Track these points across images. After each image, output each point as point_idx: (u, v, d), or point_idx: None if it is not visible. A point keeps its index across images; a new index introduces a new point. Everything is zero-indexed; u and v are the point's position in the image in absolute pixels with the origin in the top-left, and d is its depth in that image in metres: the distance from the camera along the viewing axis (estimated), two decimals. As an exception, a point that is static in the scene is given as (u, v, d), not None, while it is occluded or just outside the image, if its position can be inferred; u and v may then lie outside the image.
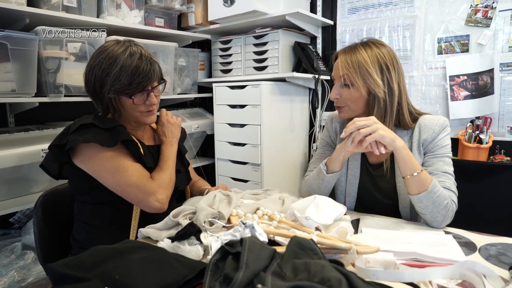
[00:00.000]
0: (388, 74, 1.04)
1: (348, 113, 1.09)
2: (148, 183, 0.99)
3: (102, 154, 0.97)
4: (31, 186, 1.63)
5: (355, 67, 1.03)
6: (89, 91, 1.05)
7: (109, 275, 0.64)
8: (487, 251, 0.81)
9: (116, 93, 0.99)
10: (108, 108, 1.04)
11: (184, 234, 0.79)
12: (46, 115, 1.94)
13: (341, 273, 0.56)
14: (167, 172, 1.05)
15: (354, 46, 1.08)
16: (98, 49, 1.03)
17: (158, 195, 0.99)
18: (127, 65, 0.97)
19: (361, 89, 1.04)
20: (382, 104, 1.03)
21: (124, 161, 0.99)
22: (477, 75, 1.77)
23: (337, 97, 1.09)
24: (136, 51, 1.00)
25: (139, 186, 0.98)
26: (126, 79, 0.97)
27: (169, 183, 1.04)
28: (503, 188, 1.62)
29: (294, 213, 0.87)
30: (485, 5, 1.75)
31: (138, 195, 0.98)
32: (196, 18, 2.32)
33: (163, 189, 1.01)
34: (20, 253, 1.49)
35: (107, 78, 0.98)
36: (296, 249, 0.66)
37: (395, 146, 0.93)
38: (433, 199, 0.92)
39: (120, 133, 0.99)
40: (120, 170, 0.97)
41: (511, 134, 1.72)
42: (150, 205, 0.99)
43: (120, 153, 1.00)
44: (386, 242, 0.83)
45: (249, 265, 0.49)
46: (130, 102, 1.02)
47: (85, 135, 0.94)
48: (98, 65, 0.99)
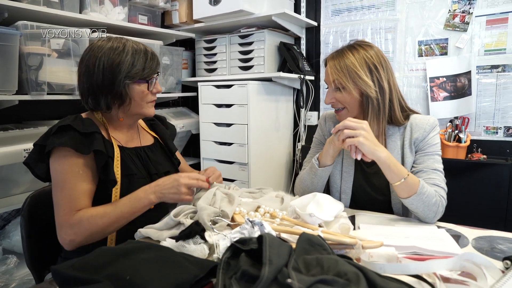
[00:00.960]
0: (377, 73, 1.07)
1: (346, 114, 1.12)
2: (66, 214, 0.90)
3: (73, 166, 0.93)
4: (11, 188, 1.55)
5: (344, 72, 1.07)
6: (90, 88, 0.99)
7: (119, 276, 0.62)
8: (479, 243, 0.86)
9: (132, 79, 0.98)
10: (115, 100, 1.00)
11: (189, 233, 0.78)
12: (24, 114, 1.86)
13: (356, 267, 0.58)
14: (108, 216, 0.90)
15: (341, 51, 1.12)
16: (95, 43, 1.01)
17: (63, 233, 0.90)
18: (138, 51, 0.99)
19: (352, 91, 1.07)
20: (375, 103, 1.07)
21: (74, 180, 0.92)
22: (455, 77, 1.86)
23: (332, 101, 1.13)
24: (138, 44, 1.03)
25: (59, 212, 0.92)
26: (140, 64, 0.98)
27: (91, 228, 0.89)
28: (480, 184, 1.70)
29: (295, 211, 0.88)
30: (462, 10, 1.83)
31: (56, 218, 0.92)
32: (180, 16, 2.30)
33: (73, 230, 0.89)
34: (1, 258, 1.42)
35: (120, 66, 0.96)
36: (305, 245, 0.67)
37: (377, 157, 0.96)
38: (422, 200, 0.96)
39: (94, 140, 0.94)
40: (64, 187, 0.92)
41: (487, 133, 1.82)
42: (59, 236, 0.92)
43: (83, 165, 0.94)
44: (385, 237, 0.86)
45: (273, 261, 0.50)
46: (142, 90, 1.01)
47: (62, 138, 0.92)
48: (105, 56, 0.97)
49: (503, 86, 1.78)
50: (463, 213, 1.75)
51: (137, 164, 1.05)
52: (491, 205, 1.69)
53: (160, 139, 1.19)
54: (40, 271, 1.11)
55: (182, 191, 0.93)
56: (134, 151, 1.07)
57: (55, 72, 1.55)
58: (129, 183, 1.00)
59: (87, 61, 0.99)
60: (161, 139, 1.19)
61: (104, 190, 0.97)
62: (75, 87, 1.65)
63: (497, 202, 1.67)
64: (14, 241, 1.56)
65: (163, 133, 1.20)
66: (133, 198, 0.93)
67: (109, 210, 0.91)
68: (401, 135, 1.11)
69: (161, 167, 1.11)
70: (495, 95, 1.80)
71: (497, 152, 1.81)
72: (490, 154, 1.80)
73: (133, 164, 1.03)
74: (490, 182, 1.68)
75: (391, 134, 1.11)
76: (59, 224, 0.91)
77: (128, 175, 1.00)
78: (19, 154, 1.41)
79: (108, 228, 0.91)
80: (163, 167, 1.12)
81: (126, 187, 0.99)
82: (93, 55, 0.98)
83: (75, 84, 1.65)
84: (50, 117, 1.90)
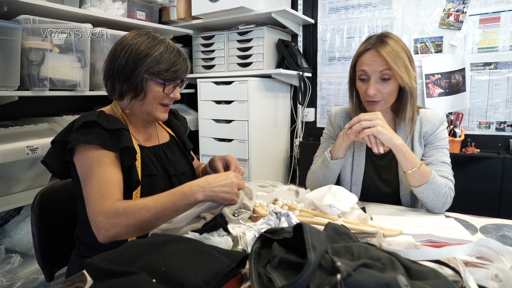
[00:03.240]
0: (413, 64, 1.09)
1: (383, 106, 1.10)
2: (99, 204, 0.82)
3: (100, 156, 0.89)
4: (12, 186, 1.53)
5: (398, 59, 1.03)
6: (112, 71, 0.98)
7: (153, 267, 0.63)
8: (487, 231, 0.90)
9: (151, 75, 0.96)
10: (130, 90, 0.97)
11: (214, 225, 0.79)
12: (23, 110, 1.83)
13: (387, 253, 0.60)
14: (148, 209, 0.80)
15: (382, 40, 1.07)
16: (133, 32, 1.00)
17: (98, 222, 0.80)
18: (170, 50, 0.98)
19: (398, 81, 1.05)
20: (414, 94, 1.09)
21: (102, 169, 0.87)
22: (450, 74, 1.92)
23: (376, 92, 1.07)
24: (174, 45, 1.01)
25: (91, 203, 0.84)
26: (166, 64, 0.96)
27: (127, 220, 0.79)
28: (474, 177, 1.77)
29: (313, 202, 0.90)
30: (456, 9, 1.89)
31: (88, 210, 0.84)
32: (178, 12, 2.29)
33: (108, 220, 0.79)
34: (5, 257, 1.40)
35: (146, 59, 0.94)
36: (332, 234, 0.70)
37: (394, 144, 0.99)
38: (433, 190, 1.00)
39: (122, 137, 0.93)
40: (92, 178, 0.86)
41: (480, 128, 1.89)
42: (93, 226, 0.82)
43: (110, 158, 0.90)
44: (400, 227, 0.88)
45: (316, 246, 0.52)
46: (158, 90, 0.98)
47: (88, 136, 0.89)
48: (137, 44, 0.95)
49: (495, 83, 1.85)
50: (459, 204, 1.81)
51: (156, 165, 1.03)
52: (485, 197, 1.76)
53: (176, 136, 1.18)
54: (51, 268, 1.10)
55: (235, 190, 0.86)
56: (153, 150, 1.05)
57: (57, 67, 1.53)
58: (151, 184, 0.98)
59: (117, 45, 0.98)
60: (177, 136, 1.18)
61: (126, 191, 0.92)
62: (76, 83, 1.63)
63: (490, 193, 1.74)
64: (16, 240, 1.54)
65: (179, 129, 1.19)
66: (177, 193, 0.82)
67: (149, 202, 0.81)
68: (411, 130, 1.14)
69: (178, 167, 1.09)
70: (487, 91, 1.87)
71: (489, 146, 1.89)
72: (483, 148, 1.88)
73: (153, 165, 1.01)
74: (484, 174, 1.75)
75: (401, 128, 1.15)
76: (93, 216, 0.82)
77: (150, 175, 0.98)
78: (21, 151, 1.39)
79: (146, 223, 0.81)
80: (180, 167, 1.10)
81: (148, 189, 0.96)
82: (125, 42, 0.97)
83: (76, 80, 1.64)
84: (48, 114, 1.87)
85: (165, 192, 0.83)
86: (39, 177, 1.59)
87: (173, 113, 1.22)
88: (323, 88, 2.36)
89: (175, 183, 1.05)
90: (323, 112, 2.38)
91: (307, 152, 2.21)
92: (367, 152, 1.18)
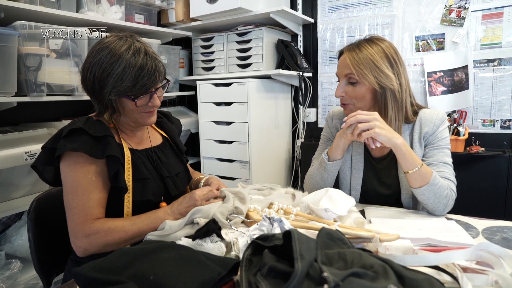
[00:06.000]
0: (397, 67, 1.07)
1: (353, 110, 1.09)
2: (81, 223, 0.88)
3: (87, 172, 0.91)
4: (11, 192, 1.53)
5: (364, 64, 1.04)
6: (87, 90, 0.98)
7: (142, 276, 0.62)
8: (489, 234, 0.87)
9: (117, 95, 0.91)
10: (107, 108, 0.97)
11: (207, 231, 0.78)
12: (21, 116, 1.83)
13: (380, 260, 0.58)
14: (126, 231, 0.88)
15: (359, 44, 1.09)
16: (97, 44, 0.95)
17: (77, 242, 0.88)
18: (131, 65, 0.89)
19: (368, 85, 1.05)
20: (397, 97, 1.06)
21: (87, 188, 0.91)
22: (452, 71, 1.89)
23: (343, 94, 1.10)
24: (140, 49, 0.93)
25: (73, 219, 0.90)
26: (130, 80, 0.89)
27: (106, 241, 0.87)
28: (479, 176, 1.73)
29: (309, 206, 0.88)
30: (458, 5, 1.86)
31: (69, 225, 0.90)
32: (176, 14, 2.28)
33: (88, 239, 0.87)
34: (5, 263, 1.40)
35: (108, 79, 0.90)
36: (326, 239, 0.68)
37: (394, 143, 0.96)
38: (434, 191, 0.97)
39: (107, 145, 0.92)
40: (77, 194, 0.90)
41: (484, 126, 1.85)
42: (72, 243, 0.90)
43: (96, 172, 0.92)
44: (398, 230, 0.86)
45: (304, 255, 0.50)
46: (131, 105, 0.95)
47: (74, 143, 0.89)
48: (98, 63, 0.91)
49: (499, 80, 1.81)
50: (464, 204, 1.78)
51: (148, 167, 1.02)
52: (490, 196, 1.72)
53: (169, 138, 1.17)
54: (48, 275, 1.10)
55: (200, 203, 0.94)
56: (145, 153, 1.04)
57: (54, 72, 1.53)
58: (142, 187, 0.97)
59: (85, 63, 0.95)
60: (170, 138, 1.17)
61: (117, 195, 0.94)
62: (74, 88, 1.63)
63: (496, 193, 1.71)
64: (16, 246, 1.54)
65: (171, 131, 1.18)
66: (153, 217, 0.92)
67: (127, 225, 0.89)
68: (411, 131, 1.11)
69: (172, 169, 1.08)
70: (491, 88, 1.83)
71: (494, 144, 1.85)
72: (488, 147, 1.84)
73: (145, 168, 1.00)
74: (489, 173, 1.72)
75: (403, 130, 1.12)
76: (73, 232, 0.89)
77: (141, 179, 0.97)
78: (20, 157, 1.39)
79: (124, 243, 0.90)
80: (174, 168, 1.09)
81: (139, 192, 0.96)
82: (89, 59, 0.93)
83: (74, 85, 1.63)
84: (48, 118, 1.87)
85: (143, 214, 0.93)
86: (39, 183, 1.59)
87: (165, 116, 1.21)
88: (324, 88, 2.34)
89: (169, 185, 1.05)
90: (325, 112, 2.36)
91: (309, 153, 2.18)
92: (365, 156, 1.16)
